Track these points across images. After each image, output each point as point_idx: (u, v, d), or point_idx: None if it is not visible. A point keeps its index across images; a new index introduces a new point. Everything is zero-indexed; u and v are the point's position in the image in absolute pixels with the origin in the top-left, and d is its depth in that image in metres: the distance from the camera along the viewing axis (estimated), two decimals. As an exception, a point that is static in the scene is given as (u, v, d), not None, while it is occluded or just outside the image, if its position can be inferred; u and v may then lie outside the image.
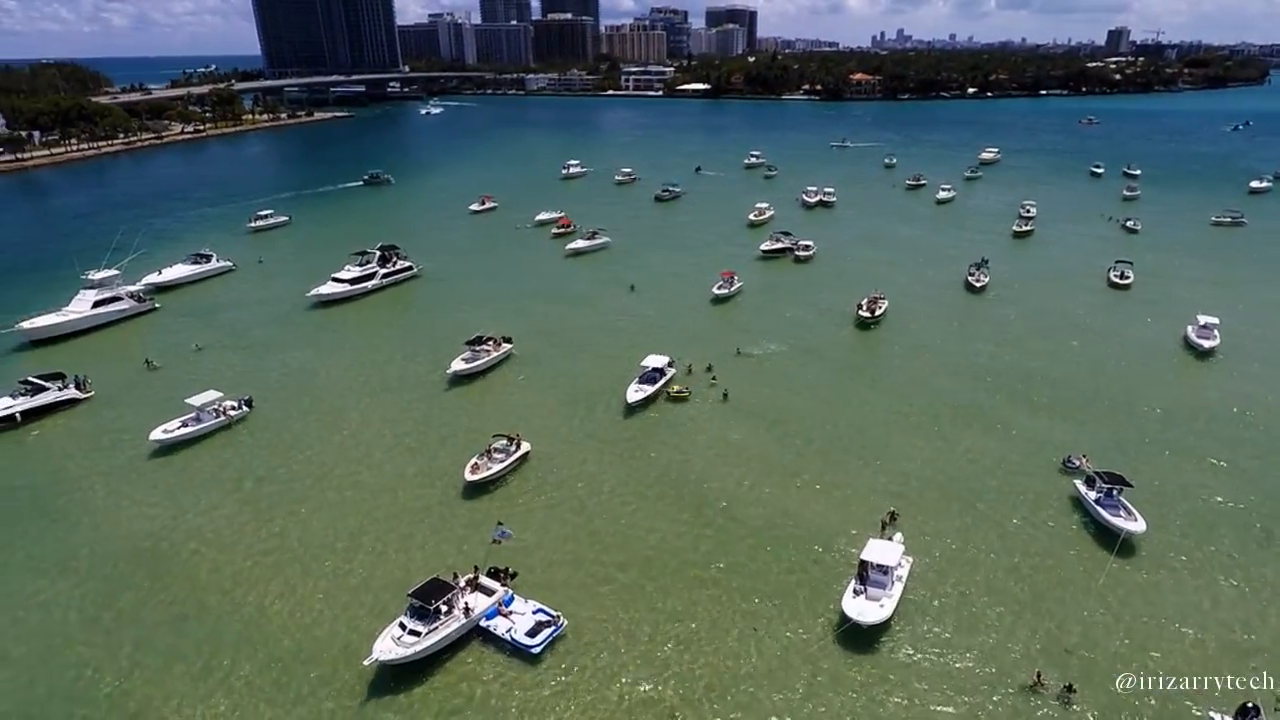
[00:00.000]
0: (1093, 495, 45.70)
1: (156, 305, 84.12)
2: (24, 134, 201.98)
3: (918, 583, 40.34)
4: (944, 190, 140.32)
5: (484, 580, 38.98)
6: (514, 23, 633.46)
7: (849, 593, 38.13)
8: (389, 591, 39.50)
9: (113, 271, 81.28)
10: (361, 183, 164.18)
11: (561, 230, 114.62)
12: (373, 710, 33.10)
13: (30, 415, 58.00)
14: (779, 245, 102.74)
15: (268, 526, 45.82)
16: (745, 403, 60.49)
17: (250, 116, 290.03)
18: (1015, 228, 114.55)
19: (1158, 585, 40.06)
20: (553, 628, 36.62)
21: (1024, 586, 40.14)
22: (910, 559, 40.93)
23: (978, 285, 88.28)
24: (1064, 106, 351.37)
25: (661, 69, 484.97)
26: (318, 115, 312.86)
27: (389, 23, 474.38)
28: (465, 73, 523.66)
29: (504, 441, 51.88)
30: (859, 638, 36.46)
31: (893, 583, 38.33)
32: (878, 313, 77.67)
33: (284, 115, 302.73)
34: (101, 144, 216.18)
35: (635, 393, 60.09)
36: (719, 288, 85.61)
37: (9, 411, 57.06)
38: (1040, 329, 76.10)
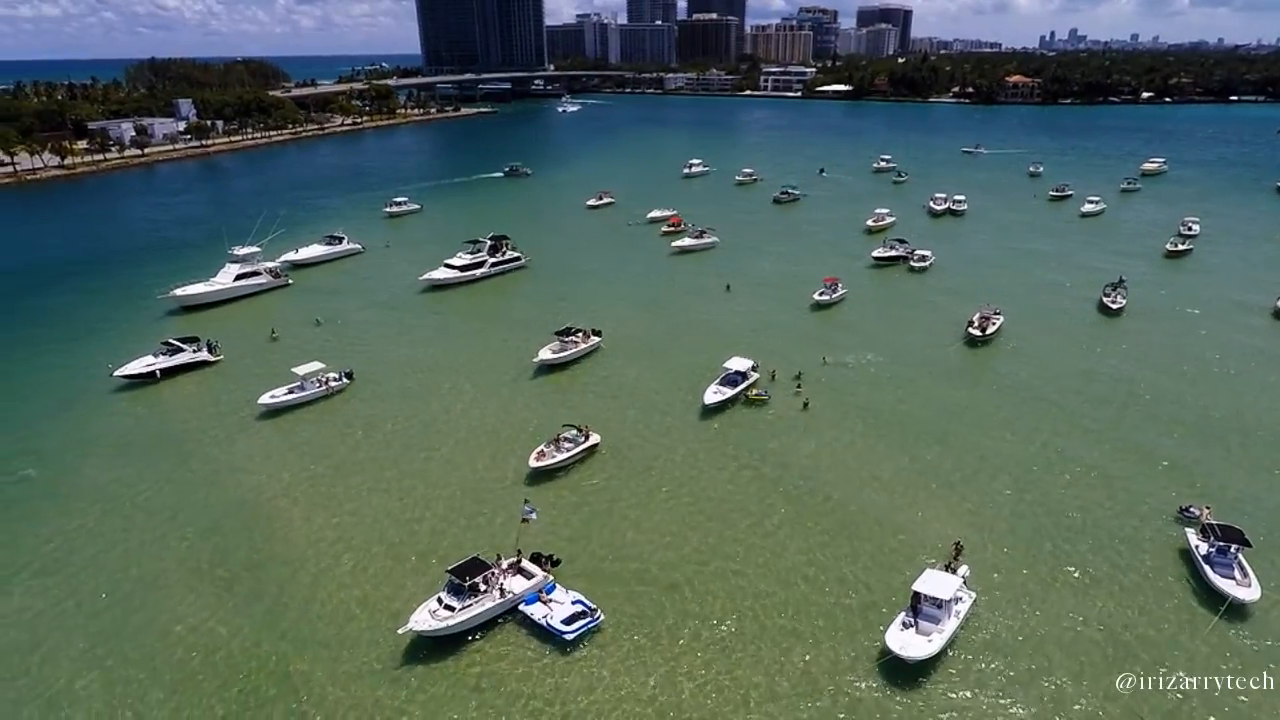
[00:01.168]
0: (1204, 549, 40.54)
1: (290, 281, 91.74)
2: (209, 123, 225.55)
3: (981, 621, 37.35)
4: (1091, 202, 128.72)
5: (526, 565, 39.71)
6: (658, 23, 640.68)
7: (897, 624, 35.87)
8: (442, 564, 40.91)
9: (255, 248, 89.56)
10: (502, 174, 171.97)
11: (671, 228, 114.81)
12: (404, 674, 34.56)
13: (167, 373, 64.87)
14: (893, 253, 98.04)
15: (347, 492, 48.84)
16: (826, 414, 58.22)
17: (403, 111, 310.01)
18: (1170, 246, 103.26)
19: (1262, 659, 34.94)
20: (589, 619, 36.78)
21: (1104, 640, 36.21)
22: (973, 594, 37.94)
23: (1113, 307, 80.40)
24: (1260, 114, 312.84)
25: (802, 69, 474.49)
26: (464, 110, 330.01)
27: (538, 23, 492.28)
28: (606, 71, 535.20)
29: (574, 432, 52.66)
30: (901, 672, 34.19)
31: (947, 618, 35.67)
32: (989, 330, 72.40)
33: (433, 110, 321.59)
34: (272, 133, 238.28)
35: (713, 394, 59.29)
36: (820, 294, 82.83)
37: (150, 369, 64.07)
38: (1180, 361, 68.18)
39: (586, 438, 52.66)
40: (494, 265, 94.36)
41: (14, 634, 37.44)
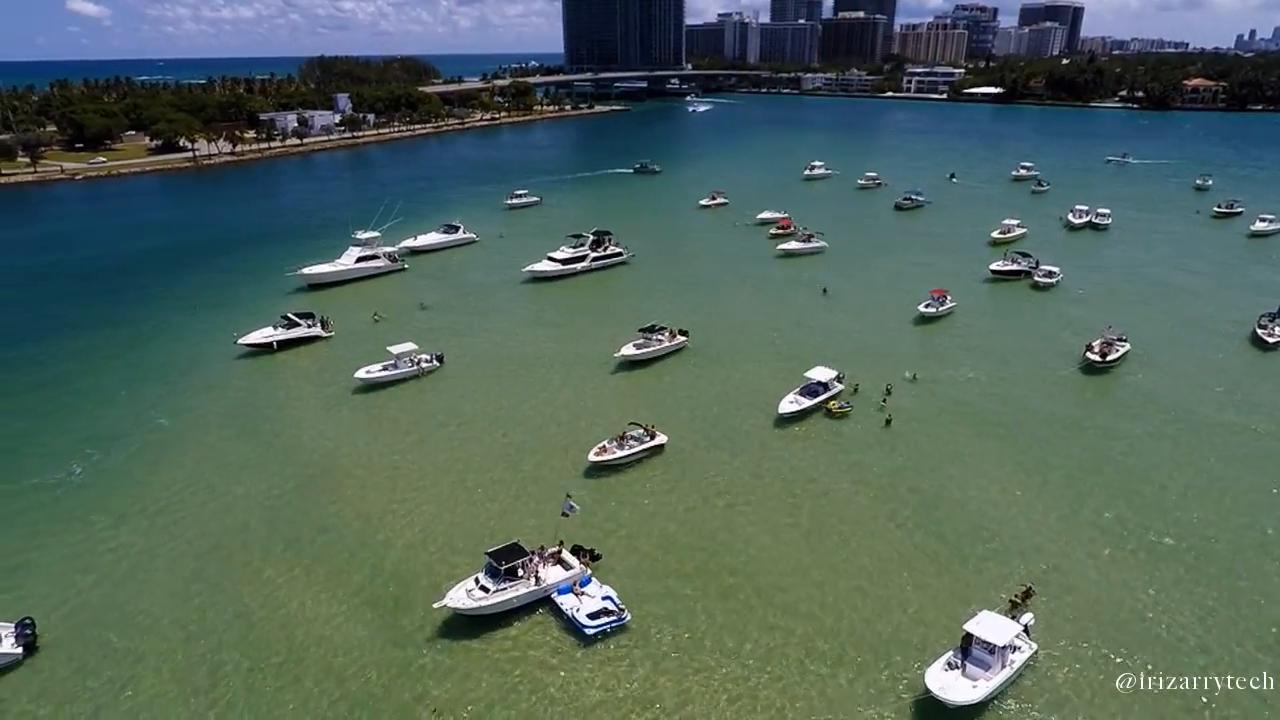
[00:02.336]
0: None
1: (405, 266, 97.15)
2: (361, 116, 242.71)
3: (1040, 676, 34.12)
4: (1264, 220, 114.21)
5: (566, 556, 40.08)
6: (801, 21, 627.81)
7: (940, 663, 33.42)
8: (490, 545, 41.97)
9: (375, 233, 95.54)
10: (633, 170, 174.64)
11: (780, 231, 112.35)
12: (434, 646, 35.85)
13: (284, 344, 70.41)
14: (1013, 267, 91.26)
15: (420, 468, 51.17)
16: (910, 434, 55.04)
17: (539, 107, 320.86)
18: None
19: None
20: (613, 619, 36.67)
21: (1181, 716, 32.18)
22: (1034, 647, 34.66)
23: (1269, 341, 71.14)
24: None
25: (949, 70, 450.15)
26: (598, 108, 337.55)
27: (678, 23, 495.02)
28: (742, 71, 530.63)
29: (639, 430, 52.61)
30: (938, 714, 31.81)
31: (999, 666, 32.81)
32: (1112, 357, 65.91)
33: (568, 107, 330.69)
34: (416, 127, 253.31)
35: (789, 403, 57.49)
36: (926, 306, 78.39)
37: (269, 340, 69.79)
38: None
39: (652, 437, 52.45)
40: (595, 260, 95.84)
41: (121, 565, 41.76)
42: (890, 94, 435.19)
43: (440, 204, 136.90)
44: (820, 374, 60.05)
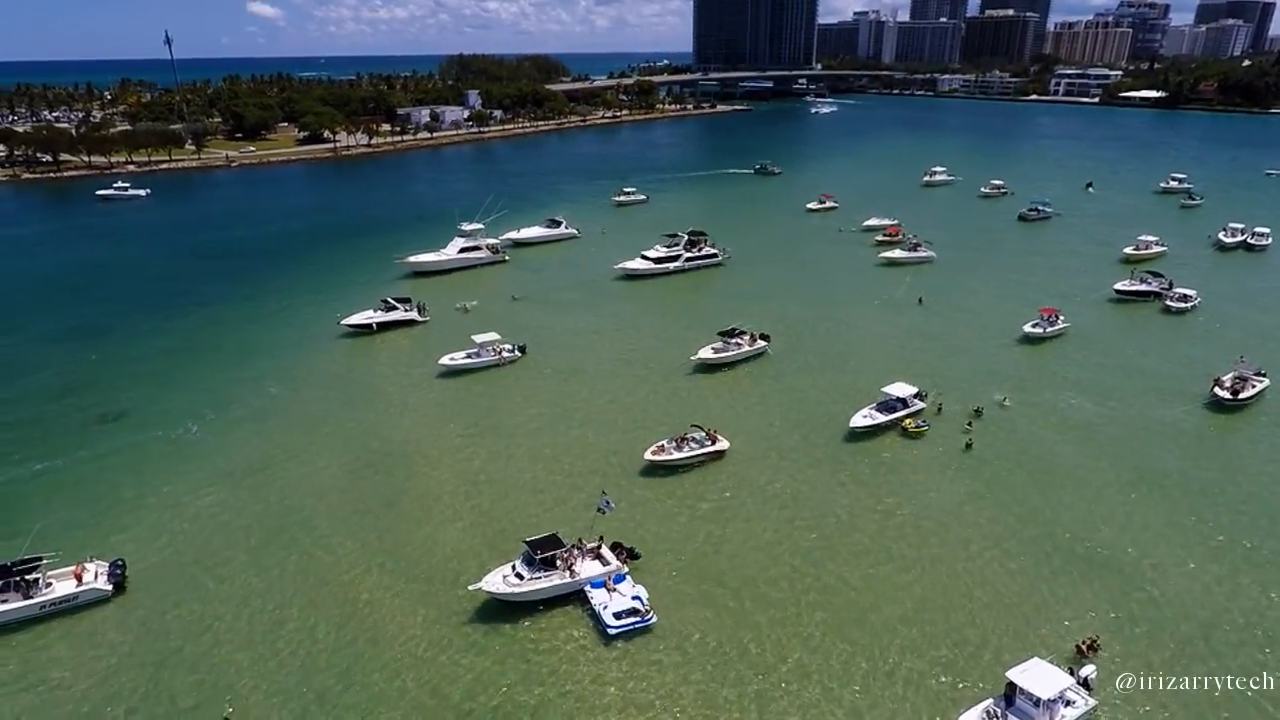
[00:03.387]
0: None
1: (506, 258, 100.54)
2: (489, 112, 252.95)
3: (1095, 734, 31.30)
4: None
5: (605, 551, 40.36)
6: (942, 20, 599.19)
7: (978, 711, 31.28)
8: (534, 528, 42.74)
9: (479, 225, 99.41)
10: (753, 171, 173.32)
11: (887, 238, 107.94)
12: (466, 626, 37.09)
13: (382, 327, 74.67)
14: (1142, 287, 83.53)
15: (488, 453, 52.95)
16: (990, 461, 51.63)
17: (662, 106, 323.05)
18: None
19: None
20: (638, 620, 36.63)
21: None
22: (1092, 701, 31.72)
23: None
24: None
25: (1105, 73, 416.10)
26: (720, 107, 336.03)
27: (810, 22, 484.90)
28: (875, 71, 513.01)
29: (700, 434, 52.16)
30: (967, 763, 29.79)
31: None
32: (1244, 395, 59.08)
33: (690, 106, 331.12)
34: (539, 123, 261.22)
35: (862, 418, 55.28)
36: (1032, 325, 73.08)
37: (368, 321, 74.25)
38: None
39: (713, 442, 51.88)
40: (688, 260, 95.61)
41: (212, 518, 45.70)
42: (1034, 97, 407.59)
43: (548, 198, 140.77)
44: (899, 389, 57.36)
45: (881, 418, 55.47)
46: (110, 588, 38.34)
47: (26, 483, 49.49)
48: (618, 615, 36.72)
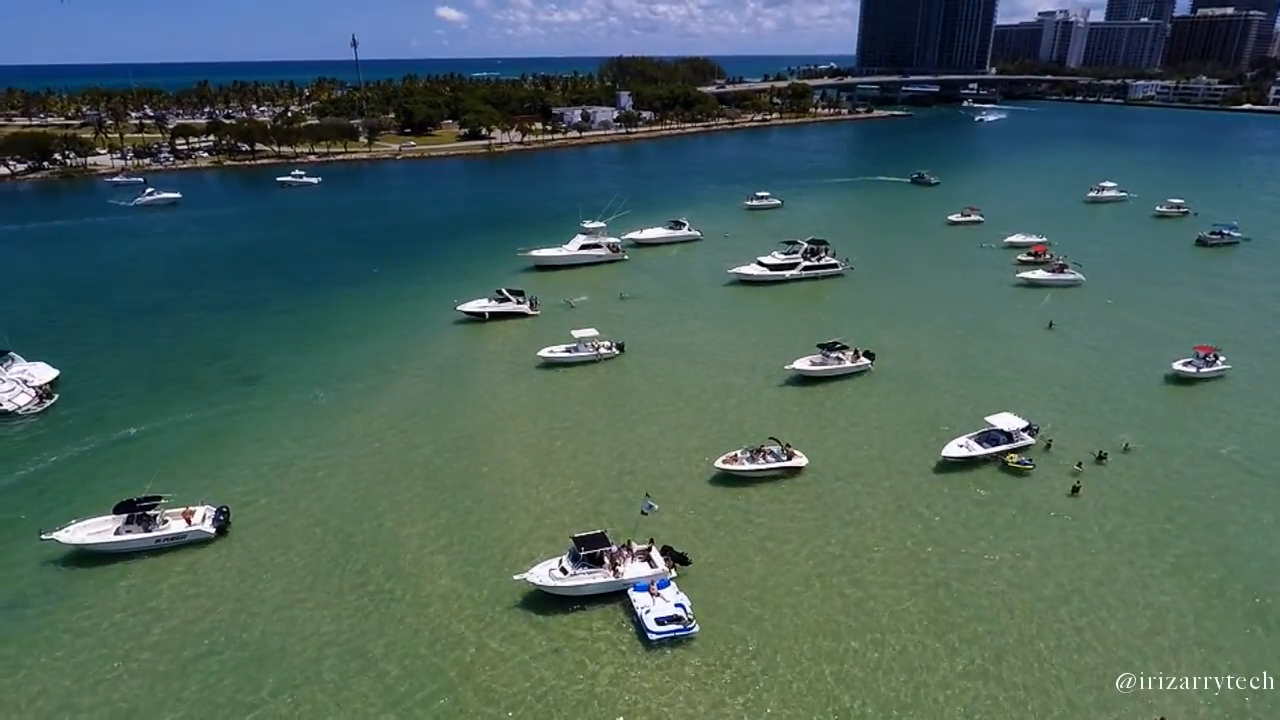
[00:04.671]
0: None
1: (625, 257, 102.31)
2: (637, 113, 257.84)
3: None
4: None
5: (654, 554, 40.33)
6: (1143, 20, 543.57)
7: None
8: (594, 526, 43.28)
9: (601, 223, 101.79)
10: (909, 181, 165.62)
11: (1031, 257, 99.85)
12: (508, 613, 38.25)
13: (495, 316, 78.43)
14: (1334, 331, 72.04)
15: (567, 446, 54.26)
16: (1099, 512, 46.60)
17: (815, 110, 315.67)
18: None
19: None
20: (680, 628, 36.36)
21: None
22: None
23: None
24: None
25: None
26: (876, 113, 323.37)
27: (985, 23, 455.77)
28: (1056, 76, 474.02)
29: (777, 447, 50.84)
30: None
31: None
32: None
33: (844, 110, 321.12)
34: (686, 125, 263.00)
35: (957, 447, 51.70)
36: (1184, 363, 65.14)
37: (482, 310, 78.28)
38: None
39: (789, 457, 50.42)
40: (806, 269, 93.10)
41: (312, 479, 50.05)
42: (1249, 106, 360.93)
43: (679, 200, 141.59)
44: (1006, 421, 53.11)
45: (979, 449, 51.60)
46: (214, 531, 42.92)
47: (171, 430, 56.43)
48: (659, 621, 36.63)
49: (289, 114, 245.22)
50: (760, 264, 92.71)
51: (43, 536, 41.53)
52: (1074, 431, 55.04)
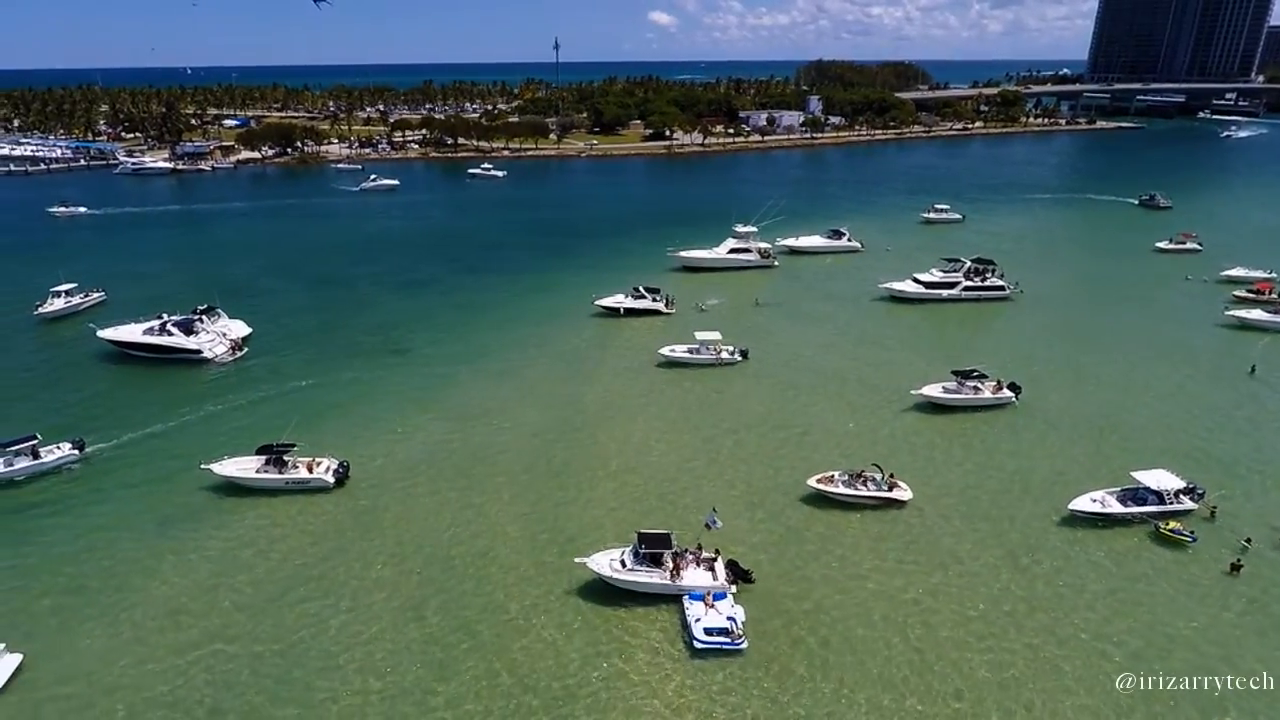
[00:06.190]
0: None
1: (776, 263, 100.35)
2: (824, 119, 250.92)
3: None
4: None
5: (718, 566, 39.58)
6: None
7: None
8: (679, 530, 43.03)
9: (752, 228, 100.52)
10: (1136, 203, 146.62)
11: (1250, 294, 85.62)
12: (561, 594, 39.35)
13: (629, 312, 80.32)
14: None
15: (666, 446, 54.48)
16: (1265, 600, 39.31)
17: (1025, 119, 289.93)
18: None
19: None
20: (728, 641, 35.55)
21: None
22: None
23: None
24: None
25: None
26: (1100, 124, 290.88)
27: (1256, 23, 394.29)
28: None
29: (879, 475, 47.87)
30: None
31: None
32: None
33: (1062, 121, 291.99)
34: (876, 132, 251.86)
35: (1088, 502, 45.85)
36: None
37: (618, 305, 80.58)
38: None
39: (890, 488, 47.31)
40: (967, 289, 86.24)
41: (427, 449, 54.32)
42: None
43: (847, 208, 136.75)
44: (1159, 480, 46.26)
45: (1117, 507, 45.39)
46: (333, 481, 47.91)
47: (329, 386, 63.74)
48: (708, 631, 36.05)
49: (494, 111, 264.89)
50: (915, 281, 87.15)
51: (201, 466, 48.64)
52: (1253, 504, 46.79)
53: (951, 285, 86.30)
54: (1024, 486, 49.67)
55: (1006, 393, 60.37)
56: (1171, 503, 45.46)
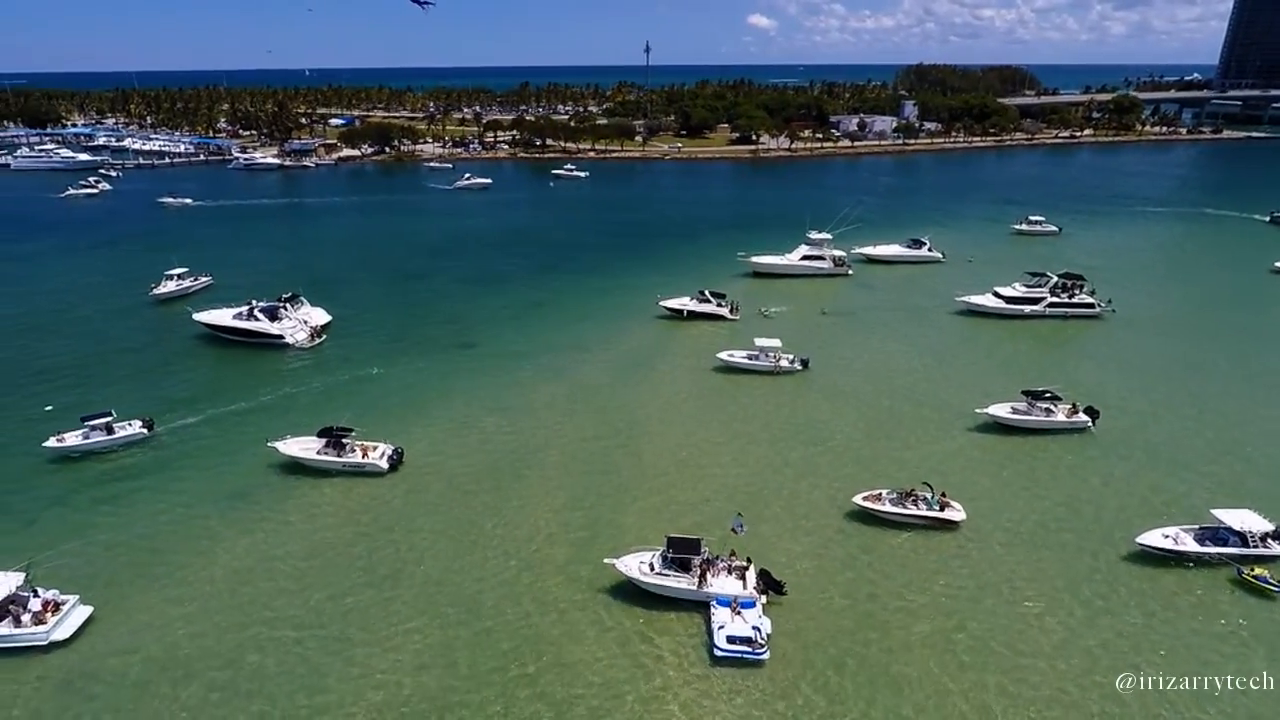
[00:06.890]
0: None
1: (850, 271, 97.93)
2: (918, 124, 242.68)
3: None
4: None
5: (749, 575, 39.03)
6: None
7: None
8: (715, 537, 42.62)
9: (827, 235, 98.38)
10: (1266, 219, 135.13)
11: (1382, 325, 77.69)
12: (588, 592, 39.73)
13: (692, 315, 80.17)
14: None
15: (715, 452, 53.97)
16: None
17: (1140, 127, 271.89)
18: None
19: None
20: (749, 651, 35.07)
21: None
22: None
23: None
24: None
25: None
26: (1226, 134, 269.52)
27: None
28: None
29: (930, 495, 46.11)
30: None
31: None
32: None
33: (1182, 130, 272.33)
34: (974, 139, 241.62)
35: (1160, 538, 42.69)
36: None
37: (681, 307, 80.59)
38: None
39: (942, 509, 45.47)
40: (1051, 305, 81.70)
41: (474, 442, 55.89)
42: None
43: (932, 217, 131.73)
44: (1244, 520, 42.67)
45: (1192, 546, 42.09)
46: (386, 466, 49.96)
47: (398, 375, 66.58)
48: (731, 639, 35.65)
49: (583, 113, 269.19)
50: (996, 294, 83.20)
51: (268, 444, 51.62)
52: (1352, 551, 42.48)
53: (1035, 301, 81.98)
54: (1094, 516, 46.71)
55: (1082, 417, 56.94)
56: (1256, 546, 41.87)
